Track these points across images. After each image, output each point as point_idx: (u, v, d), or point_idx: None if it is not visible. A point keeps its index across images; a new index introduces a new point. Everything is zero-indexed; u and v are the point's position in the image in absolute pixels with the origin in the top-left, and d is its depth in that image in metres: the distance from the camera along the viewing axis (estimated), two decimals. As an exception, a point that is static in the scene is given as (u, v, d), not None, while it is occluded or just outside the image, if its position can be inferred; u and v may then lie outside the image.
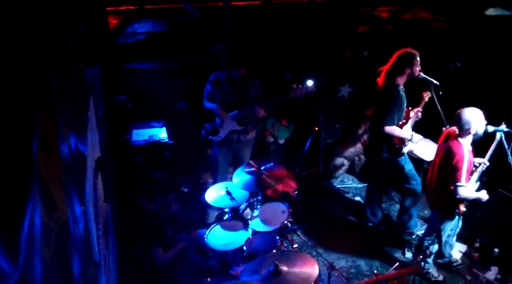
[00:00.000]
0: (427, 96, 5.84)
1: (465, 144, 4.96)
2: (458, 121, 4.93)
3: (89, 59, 4.79)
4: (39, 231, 1.89)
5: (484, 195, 5.09)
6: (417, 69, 5.63)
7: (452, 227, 5.43)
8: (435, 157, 5.39)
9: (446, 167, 5.03)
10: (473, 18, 8.08)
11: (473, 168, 5.05)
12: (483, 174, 5.28)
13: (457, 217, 5.33)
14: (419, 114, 5.86)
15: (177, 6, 7.90)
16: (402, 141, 5.78)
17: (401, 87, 5.70)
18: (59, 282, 2.18)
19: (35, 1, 2.61)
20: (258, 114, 6.04)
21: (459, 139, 4.97)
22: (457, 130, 5.06)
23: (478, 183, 5.17)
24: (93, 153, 3.93)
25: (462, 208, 5.07)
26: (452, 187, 4.93)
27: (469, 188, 4.96)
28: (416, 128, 5.95)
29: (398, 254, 6.11)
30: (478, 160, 5.14)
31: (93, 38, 5.12)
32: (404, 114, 5.83)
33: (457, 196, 4.95)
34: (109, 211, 4.55)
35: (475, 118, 4.87)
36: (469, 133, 4.91)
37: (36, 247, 1.83)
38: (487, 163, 5.17)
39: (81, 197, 3.00)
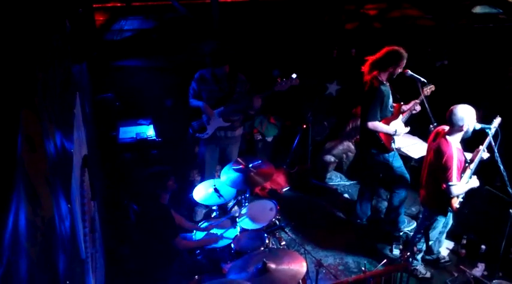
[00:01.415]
0: (430, 89, 5.81)
1: (454, 142, 4.96)
2: (451, 118, 4.88)
3: (76, 56, 4.76)
4: (24, 228, 1.87)
5: (475, 183, 5.07)
6: (399, 70, 5.64)
7: (444, 224, 5.46)
8: (426, 156, 5.39)
9: (436, 166, 5.03)
10: (460, 16, 8.13)
11: (466, 165, 5.04)
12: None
13: (449, 214, 5.36)
14: (418, 107, 5.85)
15: (164, 4, 7.87)
16: (389, 137, 5.79)
17: (385, 83, 5.72)
18: (44, 279, 2.16)
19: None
20: (256, 104, 6.04)
21: (447, 137, 4.97)
22: (445, 128, 5.07)
23: (473, 176, 5.14)
24: (79, 150, 3.90)
25: (455, 204, 5.07)
26: (444, 186, 4.95)
27: (461, 185, 4.97)
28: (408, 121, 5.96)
29: (386, 251, 6.14)
30: (469, 156, 5.14)
31: (79, 35, 5.08)
32: (393, 110, 5.85)
33: (451, 195, 4.98)
34: (96, 209, 4.52)
35: (468, 115, 4.85)
36: (461, 130, 4.89)
37: (21, 244, 1.81)
38: (486, 153, 5.14)
39: (68, 194, 2.97)
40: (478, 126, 4.90)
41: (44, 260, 2.17)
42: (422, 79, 5.66)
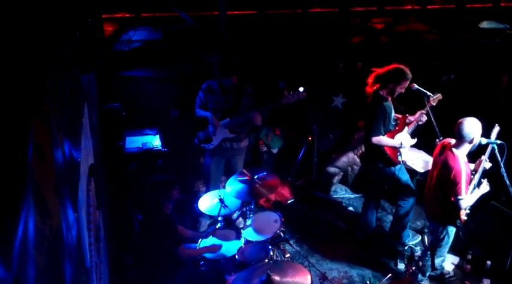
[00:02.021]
0: (437, 98, 5.74)
1: (461, 156, 4.94)
2: (459, 131, 4.87)
3: (85, 66, 4.79)
4: (32, 236, 1.87)
5: (485, 188, 5.06)
6: (399, 90, 5.62)
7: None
8: (432, 170, 5.37)
9: (444, 180, 5.01)
10: (466, 31, 8.15)
11: (472, 177, 5.03)
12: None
13: (452, 229, 5.33)
14: (424, 118, 5.82)
15: (172, 15, 7.93)
16: (395, 150, 5.78)
17: (387, 97, 5.73)
18: (51, 288, 2.17)
19: (32, 7, 2.61)
20: (255, 121, 6.04)
21: (454, 150, 4.95)
22: (451, 141, 5.06)
23: (484, 181, 5.11)
24: (86, 159, 3.91)
25: (463, 216, 5.06)
26: (453, 200, 4.93)
27: (469, 197, 4.96)
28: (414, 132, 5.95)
29: (390, 265, 6.11)
30: (471, 166, 5.12)
31: (88, 45, 5.12)
32: (398, 122, 5.85)
33: (460, 209, 4.97)
34: (101, 218, 4.53)
35: (476, 128, 4.86)
36: (470, 143, 4.89)
37: (29, 252, 1.81)
38: (488, 163, 5.12)
39: (74, 203, 2.98)
40: (484, 140, 4.89)
41: (51, 269, 2.17)
42: (429, 93, 5.67)
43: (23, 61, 2.22)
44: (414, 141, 5.92)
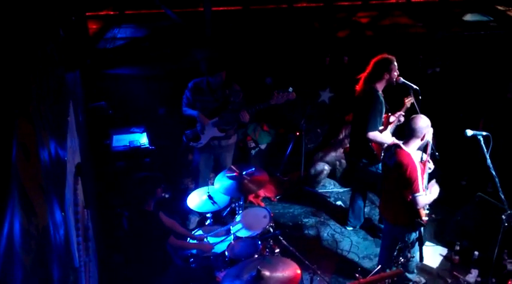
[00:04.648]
0: (408, 101, 5.84)
1: (412, 153, 4.93)
2: (412, 126, 4.85)
3: (69, 64, 4.76)
4: (18, 236, 1.86)
5: (436, 192, 4.99)
6: (395, 74, 5.70)
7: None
8: (384, 175, 5.29)
9: (400, 180, 4.90)
10: (451, 24, 8.20)
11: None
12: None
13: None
14: (402, 118, 5.90)
15: (157, 12, 7.89)
16: (380, 148, 5.81)
17: (380, 92, 5.77)
18: (38, 288, 2.15)
19: (14, 6, 2.59)
20: (243, 119, 6.02)
21: (405, 148, 4.91)
22: (398, 141, 5.03)
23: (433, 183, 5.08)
24: (73, 158, 3.89)
25: (424, 217, 4.94)
26: (411, 198, 4.84)
27: (426, 195, 4.89)
28: (396, 133, 5.99)
29: (379, 258, 6.13)
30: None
31: (73, 43, 5.09)
32: (383, 120, 5.89)
33: (418, 207, 4.85)
34: (89, 218, 4.50)
35: (426, 125, 4.86)
36: (421, 140, 4.87)
37: (15, 252, 1.80)
38: (431, 163, 5.12)
39: (61, 203, 2.97)
40: (470, 132, 4.90)
41: (38, 269, 2.16)
42: (415, 86, 5.70)
43: (5, 60, 2.21)
44: (395, 140, 5.96)
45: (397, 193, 5.03)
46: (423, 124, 4.86)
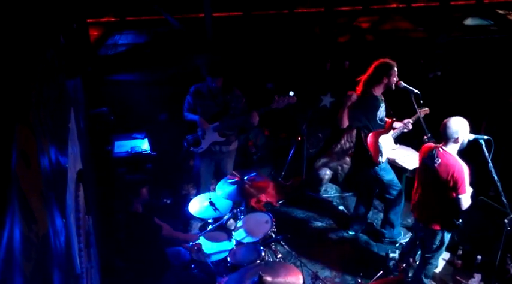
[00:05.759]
0: (424, 112, 5.80)
1: (454, 154, 4.90)
2: (443, 132, 4.81)
3: (70, 71, 4.76)
4: (18, 244, 1.86)
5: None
6: (394, 79, 5.69)
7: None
8: (420, 175, 5.24)
9: (444, 181, 4.85)
10: (452, 28, 8.20)
11: None
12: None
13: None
14: (410, 125, 5.88)
15: (158, 18, 7.91)
16: (376, 150, 5.80)
17: (379, 96, 5.77)
18: (39, 296, 2.15)
19: (15, 13, 2.59)
20: (253, 119, 6.01)
21: (447, 150, 4.91)
22: (432, 145, 5.01)
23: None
24: (74, 165, 3.89)
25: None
26: (455, 198, 4.83)
27: (468, 196, 4.89)
28: (398, 137, 5.99)
29: (382, 263, 6.12)
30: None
31: (74, 50, 5.10)
32: (385, 124, 5.88)
33: (463, 208, 4.87)
34: (91, 224, 4.50)
35: (462, 127, 4.80)
36: (457, 142, 4.86)
37: (15, 259, 1.80)
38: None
39: (62, 209, 2.97)
40: (472, 136, 4.88)
41: (38, 276, 2.15)
42: (416, 91, 5.68)
43: (6, 67, 2.21)
44: (396, 146, 5.97)
45: (432, 192, 5.02)
46: (453, 128, 4.77)
